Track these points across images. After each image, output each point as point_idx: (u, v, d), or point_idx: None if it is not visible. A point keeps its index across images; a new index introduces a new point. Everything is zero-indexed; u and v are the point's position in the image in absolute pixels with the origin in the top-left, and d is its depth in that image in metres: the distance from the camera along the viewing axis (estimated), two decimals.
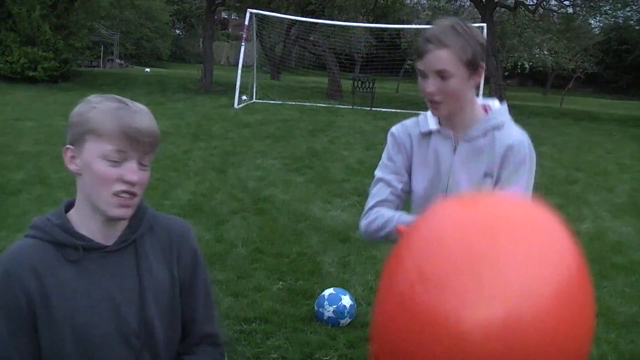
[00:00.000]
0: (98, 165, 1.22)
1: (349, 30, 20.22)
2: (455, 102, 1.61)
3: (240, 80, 13.92)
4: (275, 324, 3.62)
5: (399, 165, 1.75)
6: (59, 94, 13.91)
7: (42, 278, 1.22)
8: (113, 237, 1.30)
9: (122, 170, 1.22)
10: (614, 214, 6.73)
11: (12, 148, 7.90)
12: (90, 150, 1.23)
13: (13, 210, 5.45)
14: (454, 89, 1.57)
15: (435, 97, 1.59)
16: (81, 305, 1.24)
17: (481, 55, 1.59)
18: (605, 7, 19.09)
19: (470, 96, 1.65)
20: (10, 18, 15.27)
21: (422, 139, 1.73)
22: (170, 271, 1.37)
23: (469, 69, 1.57)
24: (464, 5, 24.30)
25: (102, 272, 1.27)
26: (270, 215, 5.87)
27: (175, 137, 9.20)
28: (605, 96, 32.44)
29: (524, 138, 1.70)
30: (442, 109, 1.61)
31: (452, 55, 1.54)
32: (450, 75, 1.55)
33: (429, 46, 1.55)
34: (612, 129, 14.36)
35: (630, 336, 3.80)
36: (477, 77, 1.61)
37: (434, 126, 1.71)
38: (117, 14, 28.37)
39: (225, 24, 44.30)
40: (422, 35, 1.59)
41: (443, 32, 1.55)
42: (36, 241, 1.26)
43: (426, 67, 1.57)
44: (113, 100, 1.26)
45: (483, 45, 1.60)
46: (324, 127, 11.20)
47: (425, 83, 1.59)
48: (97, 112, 1.24)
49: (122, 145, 1.21)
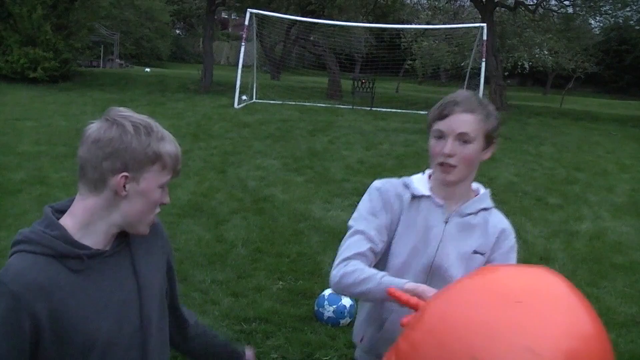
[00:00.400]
0: (156, 194, 1.29)
1: (349, 30, 20.21)
2: (467, 170, 1.61)
3: (240, 80, 13.92)
4: (275, 324, 3.63)
5: (382, 223, 1.65)
6: (59, 94, 13.91)
7: (50, 296, 1.20)
8: (108, 243, 1.31)
9: (163, 195, 1.32)
10: (614, 214, 6.73)
11: (12, 148, 7.90)
12: (151, 180, 1.27)
13: (13, 210, 5.46)
14: (471, 155, 1.58)
15: (451, 160, 1.58)
16: (89, 312, 1.24)
17: (498, 130, 1.64)
18: (605, 7, 19.08)
19: (474, 173, 1.67)
20: (10, 18, 15.27)
21: (412, 202, 1.68)
22: (158, 265, 1.43)
23: (486, 140, 1.61)
24: (464, 5, 24.29)
25: (104, 277, 1.28)
26: (270, 215, 5.87)
27: (175, 137, 9.14)
28: (605, 96, 32.45)
29: (511, 226, 1.75)
30: (453, 173, 1.60)
31: (477, 121, 1.57)
32: (471, 140, 1.57)
33: (456, 108, 1.57)
34: (612, 128, 14.36)
35: (630, 336, 3.80)
36: (489, 151, 1.64)
37: (426, 192, 1.68)
38: (117, 14, 28.39)
39: (225, 24, 44.31)
40: (447, 98, 1.61)
41: (470, 99, 1.59)
42: (36, 257, 1.22)
43: (448, 128, 1.57)
44: (160, 127, 1.31)
45: (500, 123, 1.65)
46: (324, 127, 11.20)
47: (442, 144, 1.58)
48: (167, 145, 1.29)
49: (174, 174, 1.32)
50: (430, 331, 1.11)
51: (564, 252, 5.39)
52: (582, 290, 3.76)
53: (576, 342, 1.06)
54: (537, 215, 6.49)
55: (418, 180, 1.71)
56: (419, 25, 23.16)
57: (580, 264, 5.14)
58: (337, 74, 18.80)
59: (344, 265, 1.56)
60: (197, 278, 4.27)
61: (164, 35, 35.96)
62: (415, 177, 1.72)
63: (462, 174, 1.61)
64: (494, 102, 16.86)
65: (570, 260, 5.21)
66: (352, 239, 1.63)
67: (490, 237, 1.68)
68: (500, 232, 1.69)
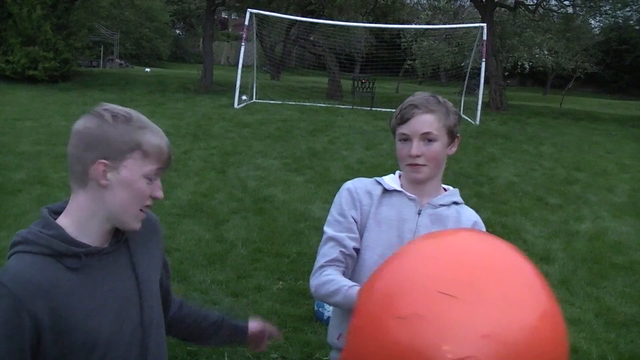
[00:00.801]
0: (139, 183, 1.27)
1: (349, 30, 20.20)
2: (435, 167, 1.69)
3: (240, 80, 13.91)
4: (275, 324, 3.62)
5: (351, 222, 1.71)
6: (59, 94, 13.92)
7: (49, 294, 1.21)
8: (106, 240, 1.32)
9: (153, 187, 1.29)
10: (614, 214, 6.73)
11: (12, 148, 7.90)
12: (132, 168, 1.25)
13: (13, 210, 5.46)
14: (437, 152, 1.67)
15: (419, 160, 1.66)
16: (89, 310, 1.25)
17: (459, 126, 1.73)
18: (605, 7, 19.07)
19: (442, 169, 1.75)
20: (10, 18, 15.27)
21: (383, 197, 1.73)
22: (156, 261, 1.44)
23: (449, 136, 1.69)
24: (464, 5, 24.30)
25: (103, 274, 1.29)
26: (270, 215, 5.87)
27: (175, 137, 9.20)
28: (605, 96, 32.43)
29: (482, 222, 1.81)
30: (422, 172, 1.68)
31: (437, 119, 1.66)
32: (435, 138, 1.66)
33: (416, 110, 1.66)
34: (611, 128, 14.36)
35: (630, 336, 3.80)
36: (454, 146, 1.73)
37: (398, 187, 1.74)
38: (117, 14, 28.35)
39: (225, 24, 44.29)
40: (406, 103, 1.69)
41: (427, 99, 1.68)
42: (34, 257, 1.23)
43: (412, 130, 1.66)
44: (144, 117, 1.30)
45: (460, 118, 1.74)
46: (324, 127, 11.20)
47: (408, 146, 1.67)
48: (150, 136, 1.27)
49: (163, 165, 1.29)
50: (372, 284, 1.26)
51: (564, 252, 5.39)
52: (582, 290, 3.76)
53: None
54: (537, 215, 6.49)
55: (389, 179, 1.78)
56: (419, 25, 23.14)
57: (580, 264, 5.14)
58: (337, 74, 18.79)
59: (319, 275, 1.67)
60: (197, 278, 4.27)
61: (164, 35, 35.93)
62: (386, 177, 1.79)
63: (431, 171, 1.69)
64: (494, 102, 16.89)
65: (570, 260, 5.21)
66: (325, 247, 1.71)
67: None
68: (474, 223, 1.75)
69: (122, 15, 29.40)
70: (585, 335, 3.76)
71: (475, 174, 8.21)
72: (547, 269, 4.92)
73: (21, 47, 15.17)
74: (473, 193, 7.12)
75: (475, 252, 1.28)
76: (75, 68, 17.35)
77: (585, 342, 3.66)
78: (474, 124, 13.25)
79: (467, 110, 14.85)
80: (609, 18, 21.72)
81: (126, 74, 20.28)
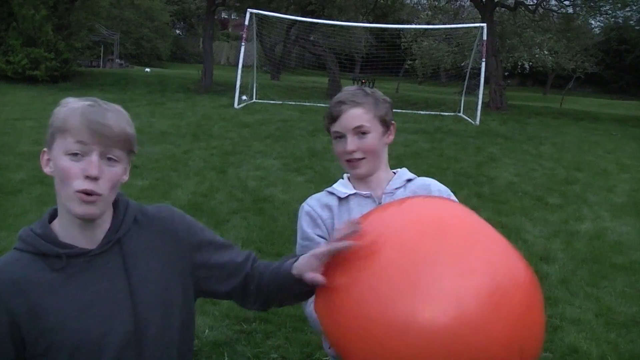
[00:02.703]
0: (62, 161, 1.20)
1: (349, 30, 20.21)
2: (374, 159, 1.68)
3: (240, 80, 13.92)
4: (275, 324, 3.62)
5: (318, 241, 1.68)
6: (59, 94, 13.90)
7: (26, 292, 1.21)
8: (96, 241, 1.28)
9: (84, 165, 1.19)
10: (614, 214, 6.73)
11: (12, 148, 7.90)
12: (56, 149, 1.23)
13: (13, 210, 5.46)
14: (372, 144, 1.65)
15: (356, 155, 1.65)
16: (71, 312, 1.23)
17: (391, 113, 1.70)
18: (605, 7, 19.09)
19: (384, 157, 1.74)
20: (12, 18, 15.27)
21: (341, 206, 1.72)
22: (162, 262, 1.35)
23: (383, 125, 1.67)
24: (464, 5, 24.30)
25: (89, 276, 1.26)
26: (270, 215, 5.87)
27: (175, 137, 9.20)
28: (605, 96, 32.43)
29: (439, 184, 1.79)
30: (362, 167, 1.67)
31: (366, 111, 1.65)
32: (368, 130, 1.64)
33: (343, 107, 1.64)
34: (612, 128, 14.35)
35: (630, 336, 3.80)
36: (390, 134, 1.71)
37: (351, 190, 1.73)
38: (117, 14, 28.37)
39: (225, 24, 44.29)
40: (333, 101, 1.68)
41: (353, 94, 1.66)
42: (22, 254, 1.25)
43: (343, 127, 1.65)
44: (86, 100, 1.24)
45: (391, 105, 1.72)
46: (323, 127, 11.19)
47: (343, 143, 1.66)
48: (64, 110, 1.23)
49: (82, 136, 1.19)
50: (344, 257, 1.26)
51: (564, 252, 5.39)
52: (582, 290, 3.76)
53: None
54: (537, 215, 6.48)
55: (340, 185, 1.76)
56: (419, 25, 23.16)
57: (580, 264, 5.13)
58: (337, 74, 18.80)
59: (307, 306, 1.65)
60: None
61: (164, 35, 35.92)
62: (336, 183, 1.78)
63: (371, 164, 1.69)
64: (494, 102, 16.90)
65: (570, 260, 5.21)
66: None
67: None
68: (428, 188, 1.74)
69: (122, 15, 29.44)
70: (585, 335, 3.76)
71: (475, 174, 8.20)
72: (547, 269, 4.92)
73: (22, 48, 15.17)
74: (473, 193, 7.12)
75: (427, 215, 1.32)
76: (75, 68, 17.36)
77: (585, 342, 3.66)
78: (474, 124, 13.25)
79: (467, 110, 14.85)
80: (609, 18, 21.72)
81: (126, 74, 20.27)
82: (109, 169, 1.22)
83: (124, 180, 1.29)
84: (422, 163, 8.60)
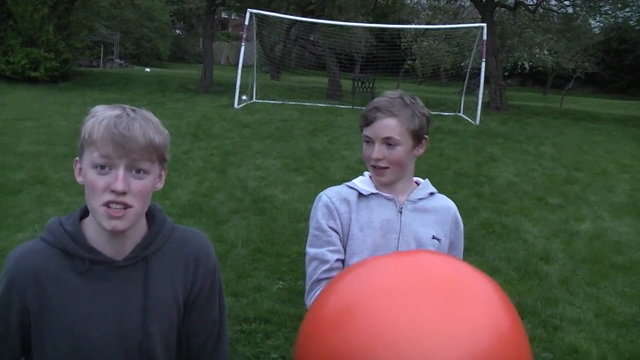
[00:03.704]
0: (90, 174, 1.19)
1: (349, 30, 20.19)
2: (399, 170, 1.67)
3: (240, 80, 13.91)
4: (275, 324, 3.62)
5: (330, 234, 1.68)
6: (59, 94, 13.91)
7: (43, 285, 1.22)
8: (124, 252, 1.26)
9: (110, 179, 1.17)
10: (613, 214, 6.73)
11: (12, 148, 7.90)
12: (85, 160, 1.21)
13: (13, 210, 5.45)
14: (399, 157, 1.64)
15: (381, 163, 1.65)
16: (81, 316, 1.23)
17: (426, 127, 1.68)
18: (605, 7, 19.08)
19: (411, 168, 1.73)
20: (11, 18, 15.26)
21: (360, 202, 1.71)
22: (178, 292, 1.32)
23: (414, 139, 1.66)
24: (464, 5, 24.28)
25: (108, 287, 1.25)
26: (270, 215, 5.87)
27: (175, 137, 9.18)
28: (605, 96, 32.41)
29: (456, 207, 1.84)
30: (386, 175, 1.67)
31: (400, 124, 1.63)
32: (397, 143, 1.63)
33: (378, 114, 1.62)
34: (612, 128, 14.35)
35: (630, 336, 3.80)
36: (421, 148, 1.70)
37: (373, 189, 1.72)
38: (117, 14, 28.34)
39: (225, 24, 44.26)
40: (371, 104, 1.66)
41: (392, 102, 1.64)
42: (46, 245, 1.25)
43: (374, 134, 1.64)
44: (114, 109, 1.22)
45: (429, 119, 1.70)
46: (324, 127, 11.20)
47: (371, 149, 1.66)
48: (92, 121, 1.20)
49: (107, 150, 1.16)
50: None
51: (564, 252, 5.39)
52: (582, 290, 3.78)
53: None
54: (537, 215, 6.48)
55: (361, 182, 1.75)
56: (419, 25, 23.16)
57: (580, 264, 5.13)
58: (337, 74, 18.79)
59: (310, 298, 1.67)
60: None
61: (164, 35, 35.90)
62: (357, 179, 1.77)
63: (395, 175, 1.68)
64: (494, 102, 16.89)
65: (570, 260, 5.21)
66: (309, 268, 1.69)
67: (448, 219, 1.76)
68: (453, 213, 1.79)
69: (122, 15, 29.40)
70: (585, 335, 3.76)
71: (475, 174, 8.20)
72: (547, 269, 4.92)
73: (21, 48, 15.16)
74: (473, 193, 7.11)
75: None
76: (75, 68, 17.34)
77: (585, 342, 3.66)
78: (474, 124, 13.25)
79: (467, 110, 14.85)
80: (609, 18, 21.70)
81: (126, 74, 20.27)
82: (137, 181, 1.20)
83: (158, 188, 1.28)
84: (422, 163, 8.60)
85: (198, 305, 1.36)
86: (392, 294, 1.23)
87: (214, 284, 1.39)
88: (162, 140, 1.23)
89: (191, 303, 1.35)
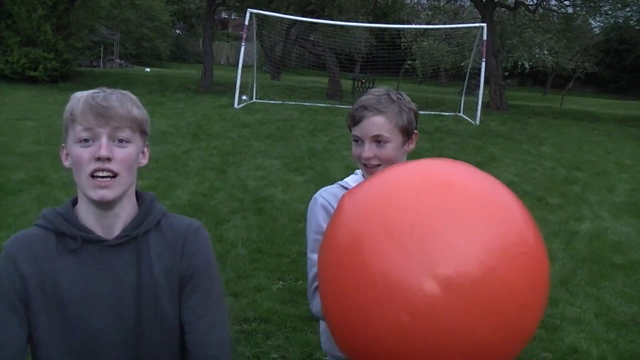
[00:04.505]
0: (75, 150, 1.23)
1: (349, 30, 20.20)
2: (390, 165, 1.64)
3: (240, 80, 13.91)
4: (275, 324, 3.62)
5: None
6: (59, 94, 13.90)
7: (40, 265, 1.25)
8: (114, 231, 1.29)
9: (94, 149, 1.21)
10: (613, 214, 6.73)
11: (12, 148, 7.90)
12: (70, 140, 1.25)
13: (13, 210, 5.46)
14: (390, 154, 1.63)
15: (372, 161, 1.64)
16: (75, 297, 1.24)
17: (415, 122, 1.67)
18: (605, 7, 19.08)
19: (402, 161, 1.71)
20: (10, 18, 15.26)
21: None
22: (170, 273, 1.31)
23: (404, 135, 1.65)
24: (464, 5, 24.29)
25: (100, 266, 1.26)
26: (270, 215, 5.87)
27: (175, 137, 9.20)
28: (605, 96, 32.39)
29: None
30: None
31: (388, 121, 1.61)
32: (387, 140, 1.62)
33: (365, 113, 1.61)
34: (612, 128, 14.35)
35: (630, 336, 3.80)
36: (411, 143, 1.69)
37: None
38: (117, 14, 28.34)
39: (225, 24, 44.26)
40: (357, 103, 1.65)
41: (378, 99, 1.62)
42: (41, 230, 1.29)
43: (362, 133, 1.63)
44: (94, 90, 1.28)
45: (417, 113, 1.69)
46: (324, 127, 11.20)
47: (361, 148, 1.64)
48: (71, 102, 1.26)
49: (89, 122, 1.21)
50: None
51: (564, 252, 5.39)
52: (582, 290, 3.76)
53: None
54: (537, 215, 6.45)
55: (354, 180, 1.74)
56: (419, 25, 23.16)
57: (580, 264, 5.13)
58: (337, 74, 18.79)
59: (315, 302, 1.61)
60: None
61: (164, 35, 35.89)
62: (349, 178, 1.75)
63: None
64: (494, 102, 16.89)
65: (570, 260, 5.21)
66: (311, 274, 1.64)
67: None
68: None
69: (122, 15, 29.38)
70: (585, 335, 3.76)
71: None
72: None
73: (20, 47, 15.16)
74: None
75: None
76: (75, 68, 17.35)
77: (585, 342, 3.66)
78: (474, 124, 13.25)
79: (467, 110, 14.85)
80: (609, 18, 21.71)
81: (126, 74, 20.26)
82: (120, 149, 1.24)
83: (143, 163, 1.33)
84: None
85: (192, 285, 1.33)
86: (424, 189, 1.26)
87: (206, 261, 1.36)
88: (140, 113, 1.28)
89: (185, 284, 1.33)
